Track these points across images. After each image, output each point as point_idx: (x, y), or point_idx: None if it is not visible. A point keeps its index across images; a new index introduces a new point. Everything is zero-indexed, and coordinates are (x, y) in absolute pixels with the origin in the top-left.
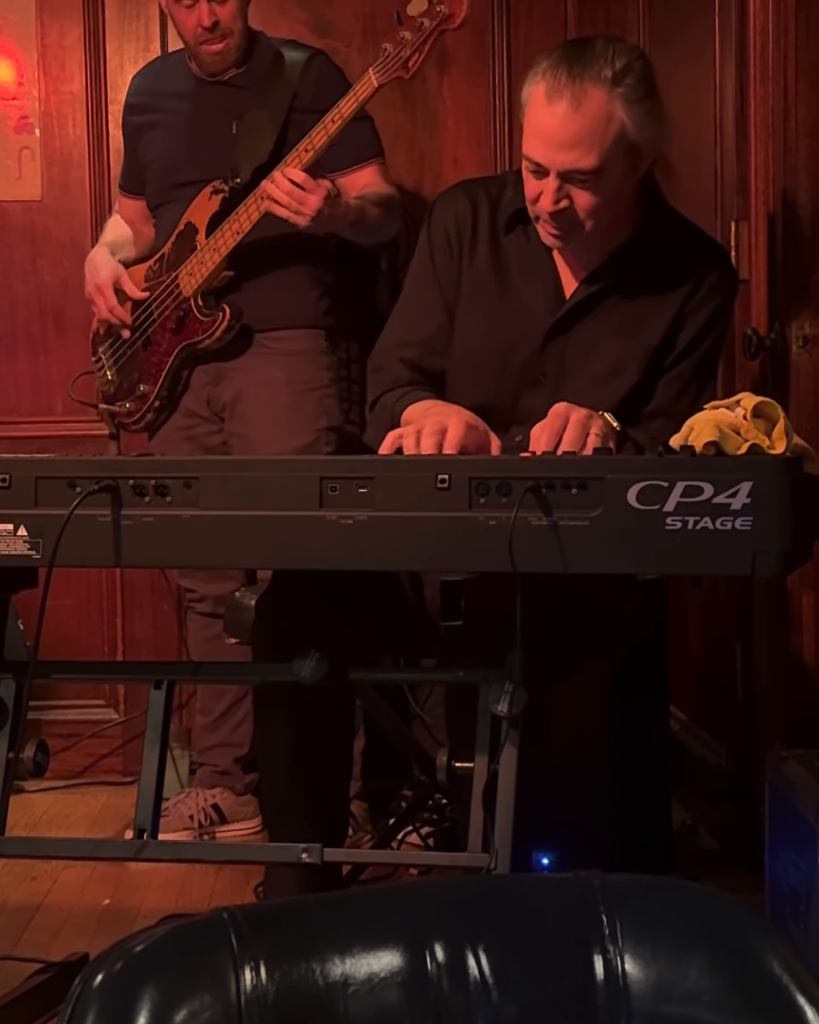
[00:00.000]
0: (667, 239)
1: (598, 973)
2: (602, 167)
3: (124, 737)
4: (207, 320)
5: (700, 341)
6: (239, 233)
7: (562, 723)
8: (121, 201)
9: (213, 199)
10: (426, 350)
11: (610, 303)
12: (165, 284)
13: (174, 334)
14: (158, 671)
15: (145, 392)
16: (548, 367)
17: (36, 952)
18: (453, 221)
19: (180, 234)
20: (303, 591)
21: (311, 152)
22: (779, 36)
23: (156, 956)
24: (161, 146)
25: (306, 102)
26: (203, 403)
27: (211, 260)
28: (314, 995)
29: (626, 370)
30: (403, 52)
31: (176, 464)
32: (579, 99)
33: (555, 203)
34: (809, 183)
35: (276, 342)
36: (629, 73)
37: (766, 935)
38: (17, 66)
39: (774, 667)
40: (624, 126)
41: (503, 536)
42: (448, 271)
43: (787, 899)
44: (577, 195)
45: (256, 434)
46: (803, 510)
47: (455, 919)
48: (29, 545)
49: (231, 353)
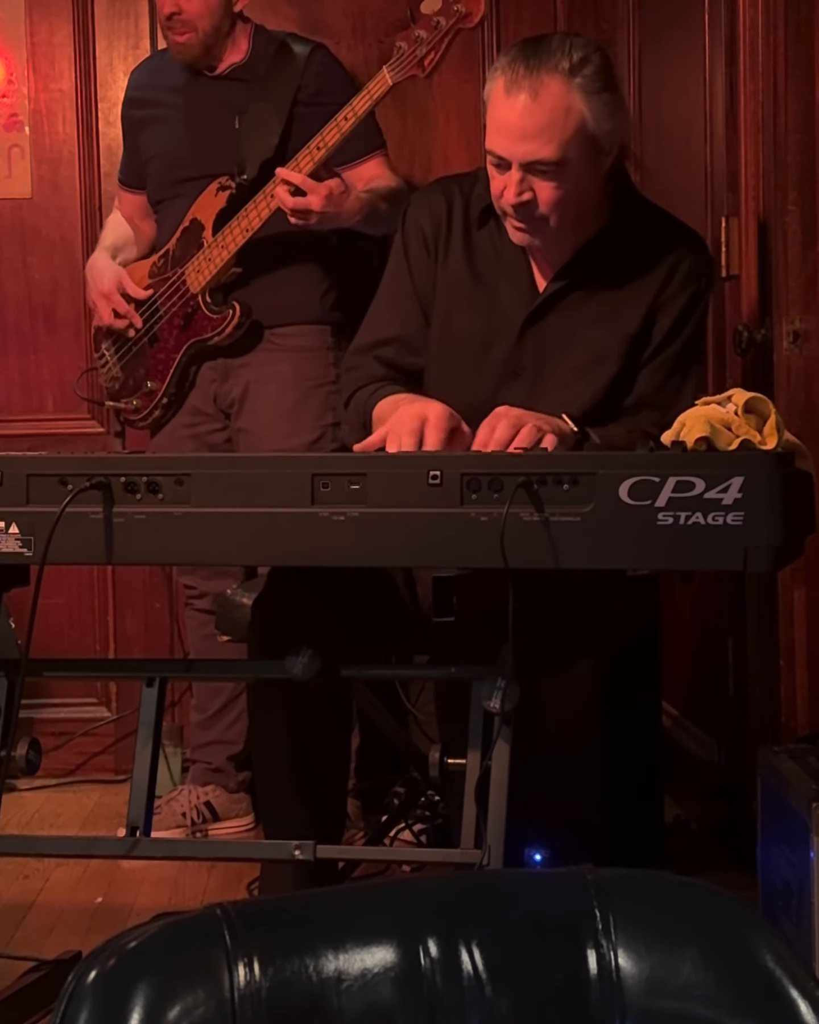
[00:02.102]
0: (640, 229)
1: (591, 968)
2: (563, 158)
3: (116, 735)
4: (216, 317)
5: (679, 330)
6: (249, 230)
7: (554, 719)
8: (121, 196)
9: (220, 195)
10: (401, 348)
11: (585, 294)
12: (170, 281)
13: (182, 331)
14: (150, 669)
15: (153, 389)
16: (526, 360)
17: (29, 951)
18: (428, 220)
19: (185, 230)
20: (299, 590)
21: (323, 150)
22: (768, 32)
23: (149, 952)
24: (162, 142)
25: (309, 95)
26: (209, 400)
27: (220, 257)
28: (307, 991)
29: (606, 360)
30: (418, 50)
31: (168, 461)
32: (537, 90)
33: (518, 195)
34: (799, 178)
35: (284, 338)
36: (586, 65)
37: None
38: (7, 64)
39: (766, 662)
40: (583, 117)
41: (495, 532)
42: (423, 270)
43: (779, 894)
44: (540, 188)
45: (262, 430)
46: (794, 506)
47: (448, 914)
48: (21, 543)
49: (239, 350)
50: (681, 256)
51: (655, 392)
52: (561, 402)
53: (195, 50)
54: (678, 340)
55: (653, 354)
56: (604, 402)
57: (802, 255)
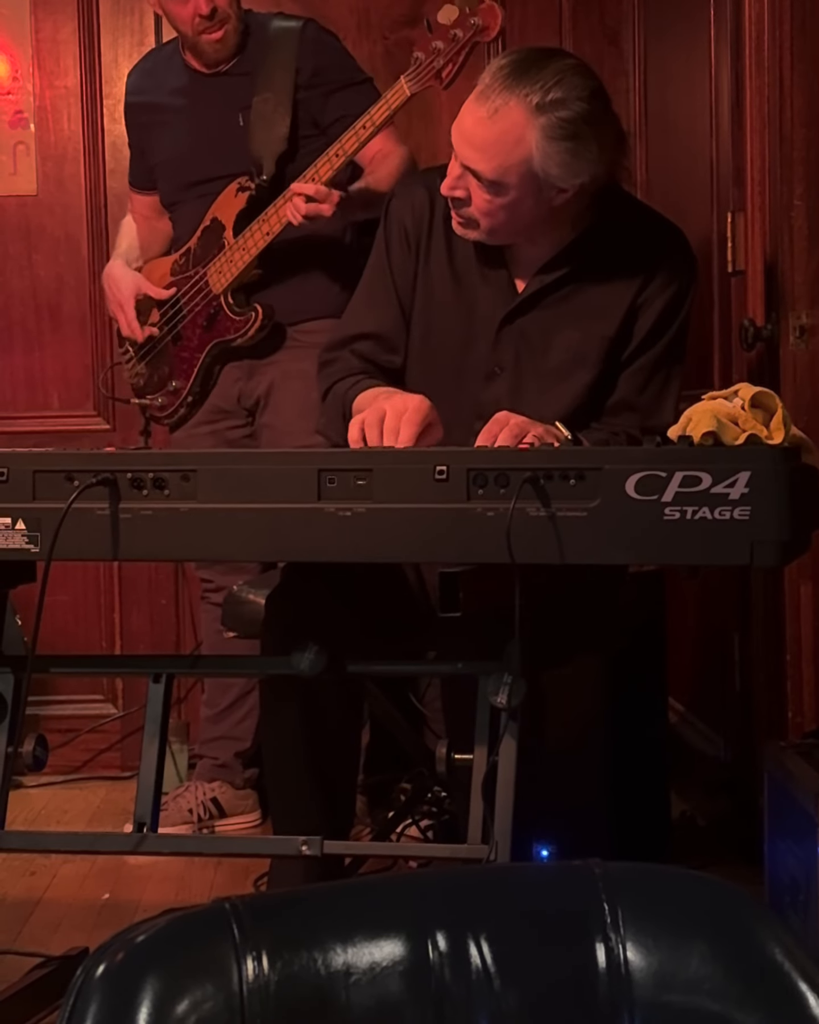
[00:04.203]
0: (622, 228)
1: (600, 961)
2: (497, 181)
3: (122, 732)
4: (239, 319)
5: (660, 331)
6: (269, 235)
7: (559, 715)
8: (132, 198)
9: (239, 196)
10: (378, 345)
11: (564, 294)
12: (193, 280)
13: (205, 331)
14: (157, 665)
15: (177, 388)
16: (503, 359)
17: (36, 947)
18: (410, 215)
19: (206, 229)
20: (313, 586)
21: (342, 158)
22: (775, 26)
23: (157, 947)
24: (169, 146)
25: (307, 78)
26: (232, 399)
27: (241, 259)
28: (316, 985)
29: (586, 361)
30: (436, 62)
31: (174, 457)
32: (498, 110)
33: (451, 188)
34: (805, 173)
35: (307, 335)
36: (560, 108)
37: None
38: (11, 61)
39: (772, 658)
40: (530, 155)
41: (501, 527)
42: (403, 266)
43: (786, 889)
44: (474, 192)
45: (286, 426)
46: (801, 500)
47: (456, 908)
48: (27, 539)
49: (264, 350)
50: (662, 256)
51: (636, 394)
52: (541, 405)
53: (232, 40)
54: (661, 341)
55: (634, 355)
56: (585, 405)
57: (808, 250)
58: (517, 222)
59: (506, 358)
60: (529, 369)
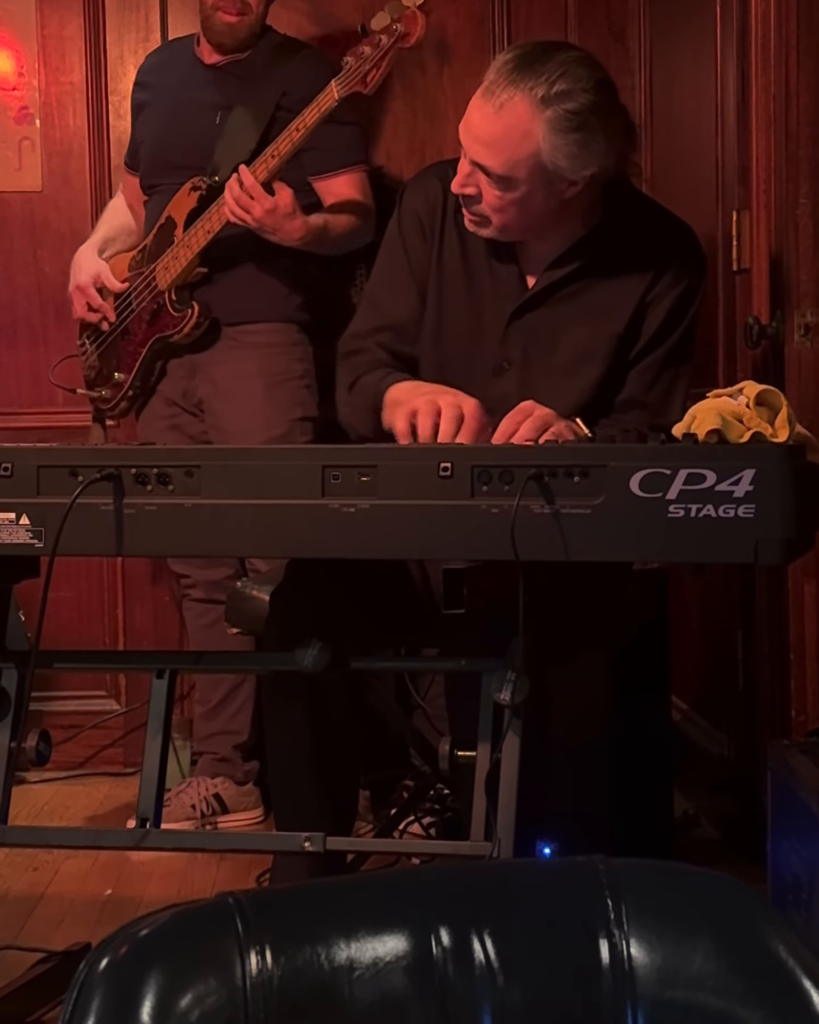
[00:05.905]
0: (632, 225)
1: (603, 957)
2: (507, 176)
3: (125, 728)
4: (177, 316)
5: (669, 328)
6: (210, 232)
7: (563, 712)
8: (125, 179)
9: (192, 195)
10: (399, 336)
11: (574, 290)
12: (144, 276)
13: (149, 326)
14: (160, 660)
15: (120, 380)
16: (512, 355)
17: (38, 942)
18: (424, 205)
19: (161, 227)
20: (318, 583)
21: (277, 159)
22: (780, 24)
23: (161, 941)
24: (151, 127)
25: (293, 102)
26: (181, 395)
27: (185, 256)
28: (319, 979)
29: (594, 358)
30: (362, 67)
31: (178, 453)
32: (503, 105)
33: (462, 186)
34: (810, 171)
35: (247, 335)
36: (566, 100)
37: (772, 919)
38: (17, 57)
39: (775, 656)
40: (538, 148)
41: (505, 524)
42: (420, 256)
43: (789, 887)
44: (484, 189)
45: (233, 427)
46: (805, 498)
47: (460, 904)
48: (31, 534)
49: (203, 346)
50: (671, 254)
51: (645, 392)
52: (548, 400)
53: (242, 34)
54: (669, 339)
55: (643, 352)
56: (592, 401)
57: (813, 248)
58: (528, 217)
59: (514, 353)
60: (537, 365)
